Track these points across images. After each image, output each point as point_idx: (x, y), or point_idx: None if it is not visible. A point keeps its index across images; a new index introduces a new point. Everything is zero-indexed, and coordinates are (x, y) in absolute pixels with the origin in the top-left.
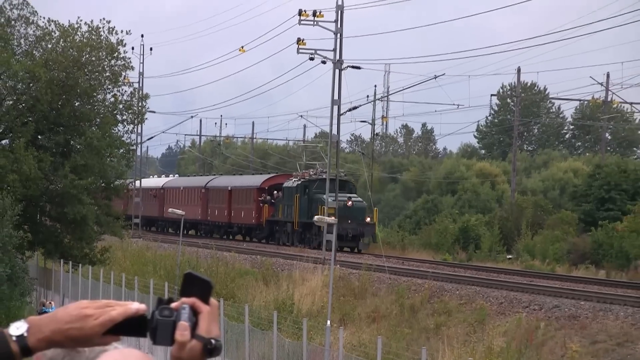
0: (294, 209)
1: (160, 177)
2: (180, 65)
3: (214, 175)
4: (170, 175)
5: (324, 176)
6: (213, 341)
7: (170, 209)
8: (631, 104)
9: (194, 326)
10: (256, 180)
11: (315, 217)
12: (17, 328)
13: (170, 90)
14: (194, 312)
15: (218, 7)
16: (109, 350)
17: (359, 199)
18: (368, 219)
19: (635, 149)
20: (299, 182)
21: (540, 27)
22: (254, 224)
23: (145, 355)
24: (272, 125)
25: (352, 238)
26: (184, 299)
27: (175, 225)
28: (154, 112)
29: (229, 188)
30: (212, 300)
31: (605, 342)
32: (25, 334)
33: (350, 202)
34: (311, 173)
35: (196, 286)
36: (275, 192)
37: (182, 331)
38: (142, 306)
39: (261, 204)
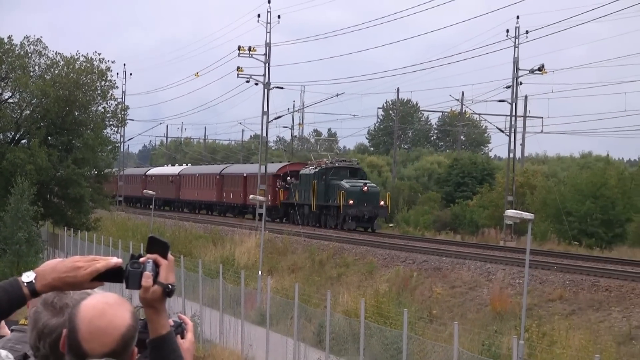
0: (312, 193)
1: (175, 165)
2: (153, 86)
3: (228, 164)
4: (180, 165)
5: (339, 165)
6: (170, 286)
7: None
8: (479, 114)
9: (156, 275)
10: (272, 167)
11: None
12: (28, 276)
13: (146, 103)
14: (156, 265)
15: (181, 42)
16: (93, 293)
17: (373, 184)
18: (382, 203)
19: (482, 147)
20: (316, 170)
21: (415, 58)
22: (270, 205)
23: (120, 297)
24: (219, 130)
25: (368, 219)
26: (148, 255)
27: (190, 206)
28: (132, 119)
29: (244, 174)
30: (170, 256)
31: (460, 287)
32: (34, 281)
33: (366, 188)
34: (327, 162)
35: (157, 246)
36: (288, 178)
37: (147, 279)
38: (119, 260)
39: (277, 188)
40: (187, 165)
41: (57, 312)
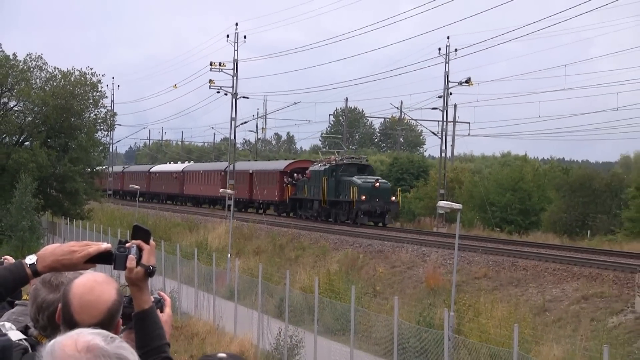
0: (322, 189)
1: (177, 163)
2: (138, 95)
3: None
4: (187, 162)
5: (349, 162)
6: (151, 267)
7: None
8: (415, 120)
9: (139, 258)
10: (280, 165)
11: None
12: (30, 259)
13: (131, 111)
14: (140, 249)
15: (162, 58)
16: (85, 273)
17: (385, 180)
18: (393, 198)
19: (418, 148)
20: (327, 167)
21: (361, 72)
22: (277, 200)
23: (107, 276)
24: (195, 133)
25: (380, 214)
26: (133, 241)
27: (194, 200)
28: (120, 125)
29: (250, 171)
30: (151, 241)
31: (400, 267)
32: (35, 263)
33: (377, 184)
34: (336, 159)
35: (141, 233)
36: (295, 174)
37: (131, 261)
38: (108, 245)
39: (284, 184)
40: (189, 162)
41: (53, 289)
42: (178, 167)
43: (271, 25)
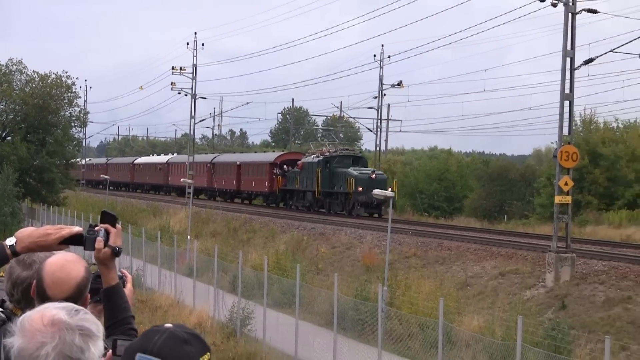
0: (316, 180)
1: (160, 155)
2: (109, 95)
3: (218, 153)
4: (171, 154)
5: (343, 154)
6: (117, 248)
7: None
8: (354, 118)
9: (106, 240)
10: (269, 156)
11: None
12: (10, 241)
13: (104, 109)
14: (107, 232)
15: (131, 63)
16: (57, 253)
17: (381, 172)
18: (390, 190)
19: (356, 142)
20: (320, 158)
21: (306, 75)
22: (267, 191)
23: (77, 256)
24: (159, 129)
25: (376, 206)
26: (101, 225)
27: (179, 190)
28: (92, 122)
29: (238, 163)
30: (118, 225)
31: (339, 247)
32: (14, 244)
33: (374, 175)
34: (330, 151)
35: (108, 218)
36: (285, 166)
37: (99, 243)
38: (80, 229)
39: (274, 176)
40: (173, 155)
41: (27, 266)
42: (162, 159)
43: (228, 33)
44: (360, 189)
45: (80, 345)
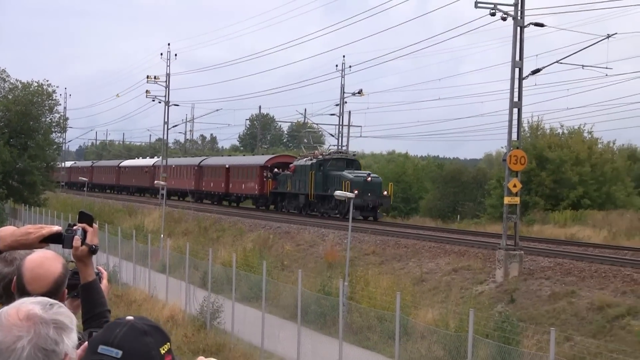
0: (309, 183)
1: (146, 158)
2: (87, 102)
3: (205, 157)
4: (156, 157)
5: (337, 156)
6: (94, 246)
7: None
8: (317, 124)
9: (84, 238)
10: (260, 159)
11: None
12: None
13: (82, 116)
14: (84, 231)
15: (109, 72)
16: (37, 251)
17: (376, 175)
18: (385, 192)
19: (320, 146)
20: (314, 161)
21: (273, 84)
22: (257, 194)
23: (55, 253)
24: (134, 134)
25: (372, 209)
26: (79, 224)
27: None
28: (71, 127)
29: (227, 166)
30: (95, 225)
31: (303, 245)
32: None
33: (369, 178)
34: (324, 154)
35: (85, 218)
36: (276, 169)
37: (76, 241)
38: (59, 228)
39: (265, 179)
40: (158, 158)
41: (8, 263)
42: (148, 162)
43: (200, 44)
44: (356, 192)
45: (55, 337)
